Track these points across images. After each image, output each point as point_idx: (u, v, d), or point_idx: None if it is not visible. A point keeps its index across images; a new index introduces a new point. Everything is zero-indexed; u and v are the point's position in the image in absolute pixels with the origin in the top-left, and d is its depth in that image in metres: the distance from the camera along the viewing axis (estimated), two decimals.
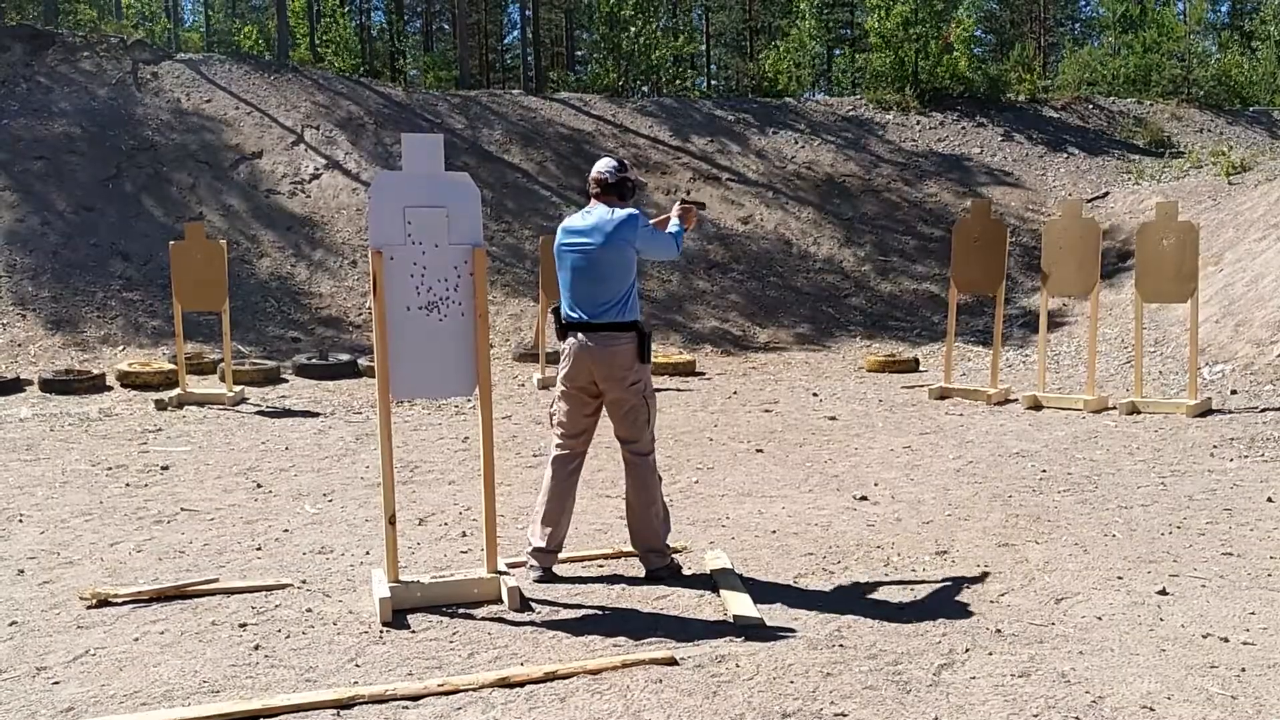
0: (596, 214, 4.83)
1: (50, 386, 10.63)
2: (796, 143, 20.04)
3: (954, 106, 21.66)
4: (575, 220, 4.90)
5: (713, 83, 37.78)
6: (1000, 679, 3.76)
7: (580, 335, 4.79)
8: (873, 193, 18.73)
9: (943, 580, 4.88)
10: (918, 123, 21.06)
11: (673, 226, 5.09)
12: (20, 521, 6.03)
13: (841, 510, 6.22)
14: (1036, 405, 9.69)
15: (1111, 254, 14.75)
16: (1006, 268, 10.74)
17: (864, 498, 6.50)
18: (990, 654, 3.99)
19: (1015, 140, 20.58)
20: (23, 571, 5.11)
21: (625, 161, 5.03)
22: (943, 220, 17.67)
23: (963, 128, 20.99)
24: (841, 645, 4.08)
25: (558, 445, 4.96)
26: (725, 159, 19.24)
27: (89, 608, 4.56)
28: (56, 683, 3.81)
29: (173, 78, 18.27)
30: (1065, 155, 20.05)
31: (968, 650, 4.02)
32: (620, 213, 4.82)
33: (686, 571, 5.01)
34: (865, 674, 3.82)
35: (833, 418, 9.42)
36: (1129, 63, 25.77)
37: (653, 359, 5.03)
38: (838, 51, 34.63)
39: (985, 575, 4.94)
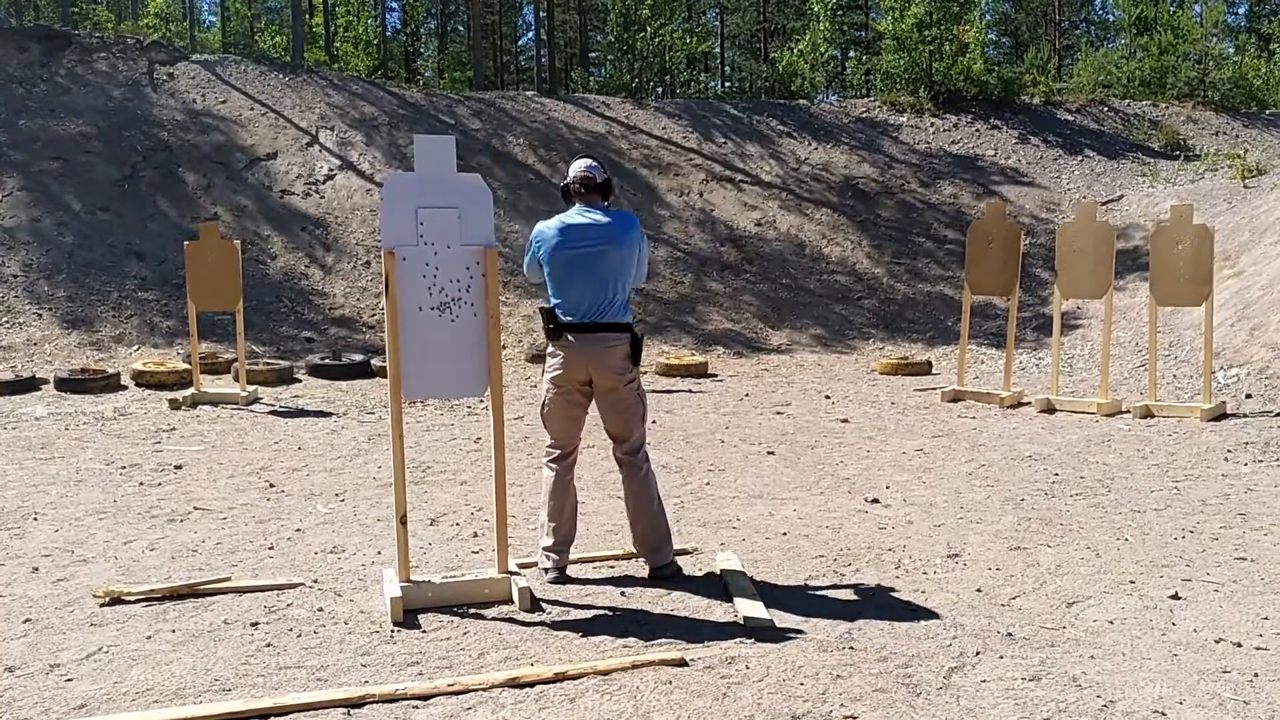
0: (598, 213, 4.78)
1: (65, 385, 10.68)
2: (811, 145, 20.02)
3: (968, 109, 21.59)
4: (575, 218, 4.79)
5: (726, 84, 37.73)
6: (1011, 682, 3.75)
7: (575, 335, 4.74)
8: (887, 194, 18.71)
9: (953, 583, 4.87)
10: (932, 125, 21.02)
11: None
12: (35, 519, 6.06)
13: (853, 513, 6.21)
14: (1050, 408, 9.66)
15: (1125, 257, 14.69)
16: (1020, 270, 10.71)
17: (875, 500, 6.49)
18: (1001, 657, 3.98)
19: (1030, 143, 20.52)
20: (37, 569, 5.13)
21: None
22: (957, 222, 17.63)
23: (977, 130, 20.93)
24: (851, 647, 4.07)
25: (552, 445, 4.98)
26: (740, 161, 19.23)
27: (102, 605, 4.58)
28: (70, 680, 3.83)
29: (188, 79, 18.36)
30: (1080, 158, 19.98)
31: (978, 653, 4.01)
32: (627, 214, 4.89)
33: (697, 572, 5.01)
34: (875, 676, 3.81)
35: (845, 420, 9.41)
36: (1144, 65, 25.65)
37: (668, 361, 5.07)
38: (851, 53, 34.58)
39: (996, 578, 4.93)
